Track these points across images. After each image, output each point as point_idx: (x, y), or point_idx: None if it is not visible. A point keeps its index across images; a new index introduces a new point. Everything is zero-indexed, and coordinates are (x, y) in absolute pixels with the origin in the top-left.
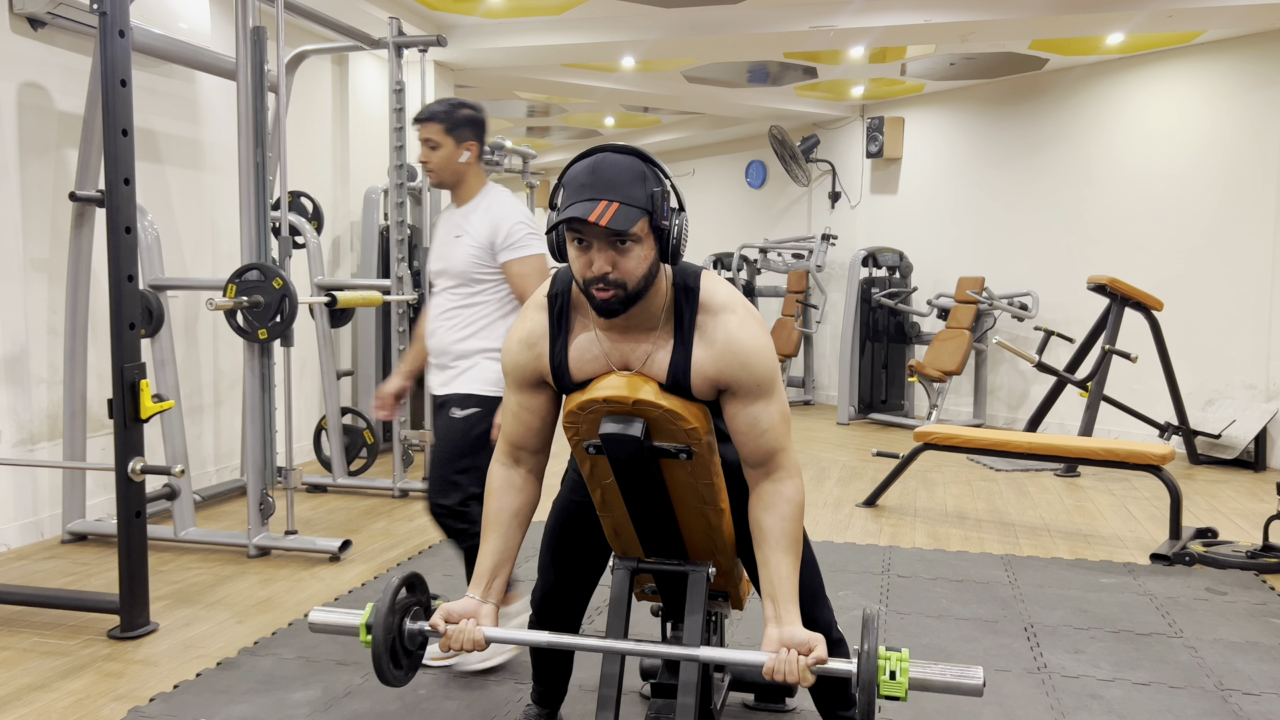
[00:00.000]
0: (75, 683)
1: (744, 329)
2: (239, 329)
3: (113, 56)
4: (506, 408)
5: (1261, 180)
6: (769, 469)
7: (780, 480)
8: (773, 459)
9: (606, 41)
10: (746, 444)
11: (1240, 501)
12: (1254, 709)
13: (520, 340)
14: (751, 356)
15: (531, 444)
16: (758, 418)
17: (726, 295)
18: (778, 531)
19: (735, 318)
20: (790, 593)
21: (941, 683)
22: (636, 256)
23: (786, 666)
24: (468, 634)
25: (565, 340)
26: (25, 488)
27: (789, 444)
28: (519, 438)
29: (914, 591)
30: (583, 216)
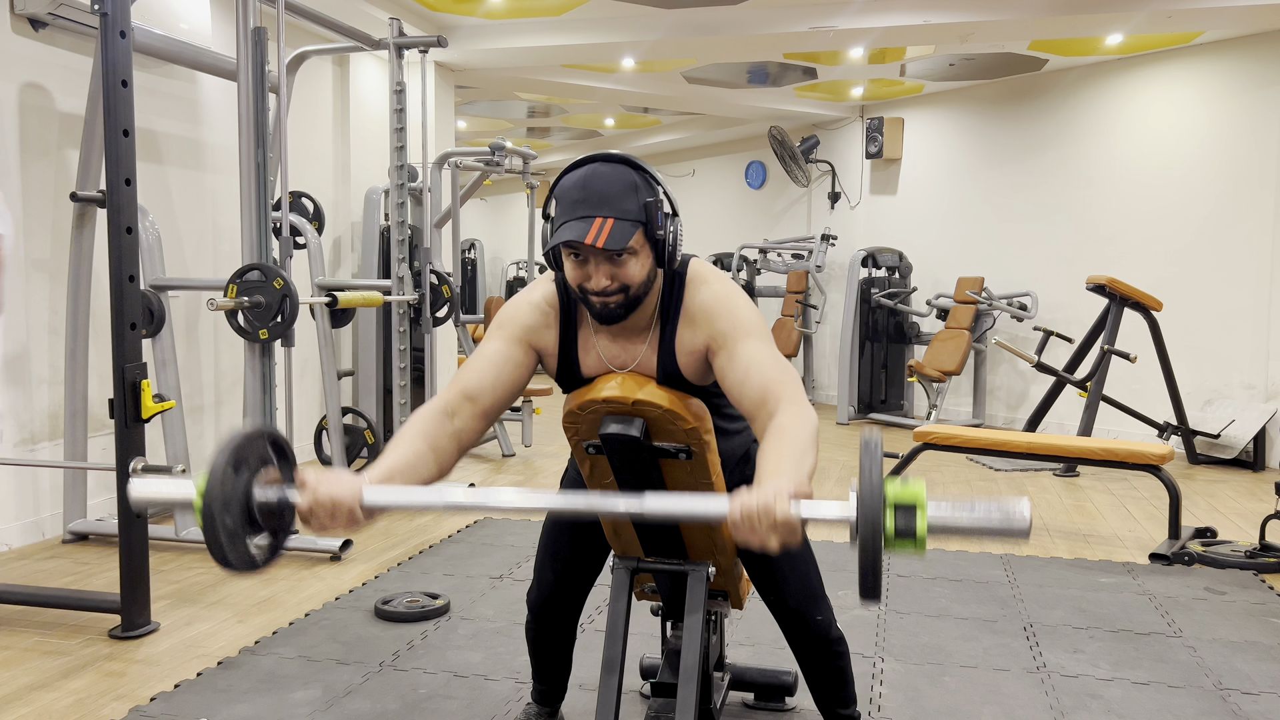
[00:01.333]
0: (76, 682)
1: (711, 290)
2: (240, 329)
3: (114, 57)
4: (479, 354)
5: (1261, 180)
6: (770, 409)
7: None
8: (770, 397)
9: (606, 42)
10: (744, 393)
11: (1239, 501)
12: (1253, 708)
13: (534, 304)
14: (722, 306)
15: (485, 398)
16: (743, 358)
17: (708, 273)
18: (776, 428)
19: (709, 287)
20: (774, 468)
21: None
22: (634, 267)
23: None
24: (341, 504)
25: (575, 332)
26: (26, 487)
27: (790, 386)
28: (479, 386)
29: (913, 591)
30: (579, 239)
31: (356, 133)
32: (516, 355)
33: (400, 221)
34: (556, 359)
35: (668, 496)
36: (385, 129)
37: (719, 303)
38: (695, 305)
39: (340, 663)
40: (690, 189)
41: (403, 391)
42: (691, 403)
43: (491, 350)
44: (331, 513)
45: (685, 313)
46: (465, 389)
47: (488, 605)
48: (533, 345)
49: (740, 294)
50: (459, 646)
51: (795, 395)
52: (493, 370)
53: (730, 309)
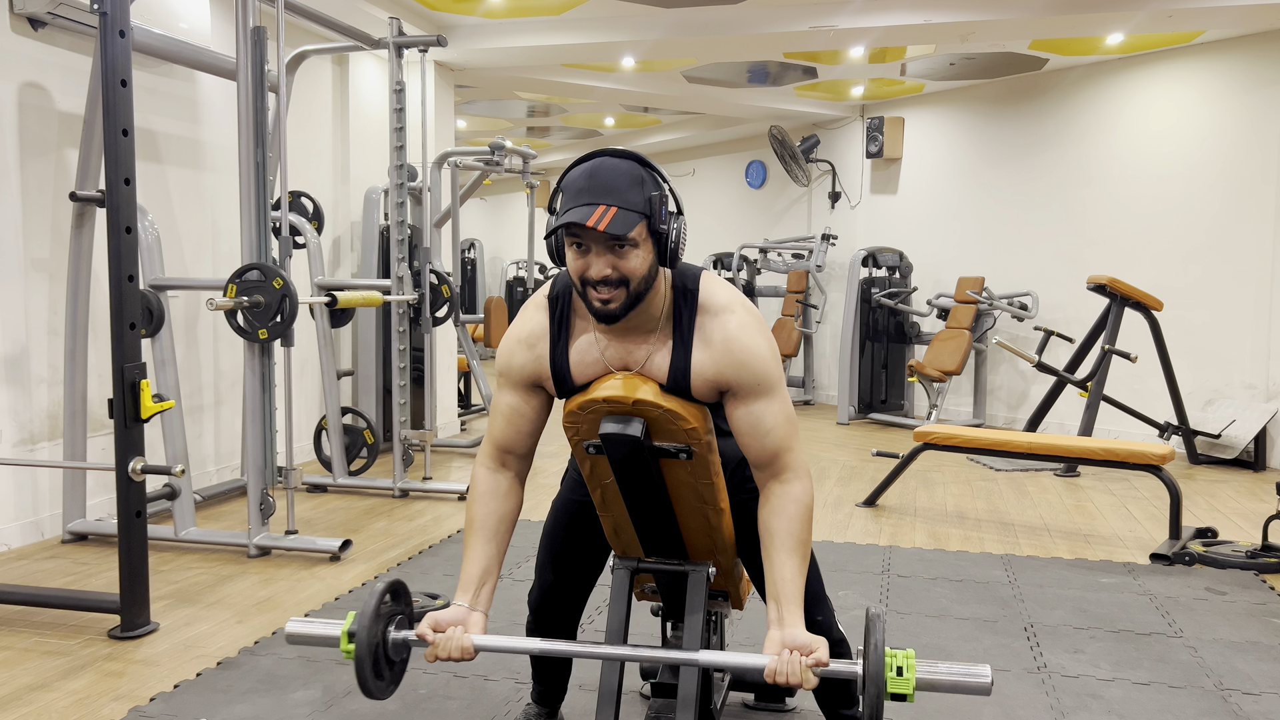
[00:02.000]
0: (76, 682)
1: (743, 329)
2: (239, 329)
3: (113, 56)
4: (497, 409)
5: (1261, 180)
6: (775, 470)
7: (787, 482)
8: (778, 460)
9: (606, 42)
10: (751, 445)
11: (1240, 501)
12: (1254, 708)
13: (519, 340)
14: (750, 356)
15: (520, 448)
16: (760, 418)
17: (726, 296)
18: (784, 533)
19: (734, 318)
20: (794, 595)
21: (949, 681)
22: (635, 260)
23: (789, 669)
24: (455, 642)
25: (566, 343)
26: (26, 487)
27: (795, 445)
28: (508, 441)
29: (914, 591)
30: (581, 221)
31: (356, 132)
32: (525, 400)
33: (400, 221)
34: (552, 380)
35: (719, 654)
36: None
37: (746, 347)
38: (719, 335)
39: (340, 663)
40: (690, 189)
41: (402, 391)
42: (692, 404)
43: (505, 405)
44: (449, 656)
45: (704, 335)
46: (500, 444)
47: None
48: (532, 382)
49: (762, 330)
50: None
51: (799, 464)
52: (513, 423)
53: (758, 359)
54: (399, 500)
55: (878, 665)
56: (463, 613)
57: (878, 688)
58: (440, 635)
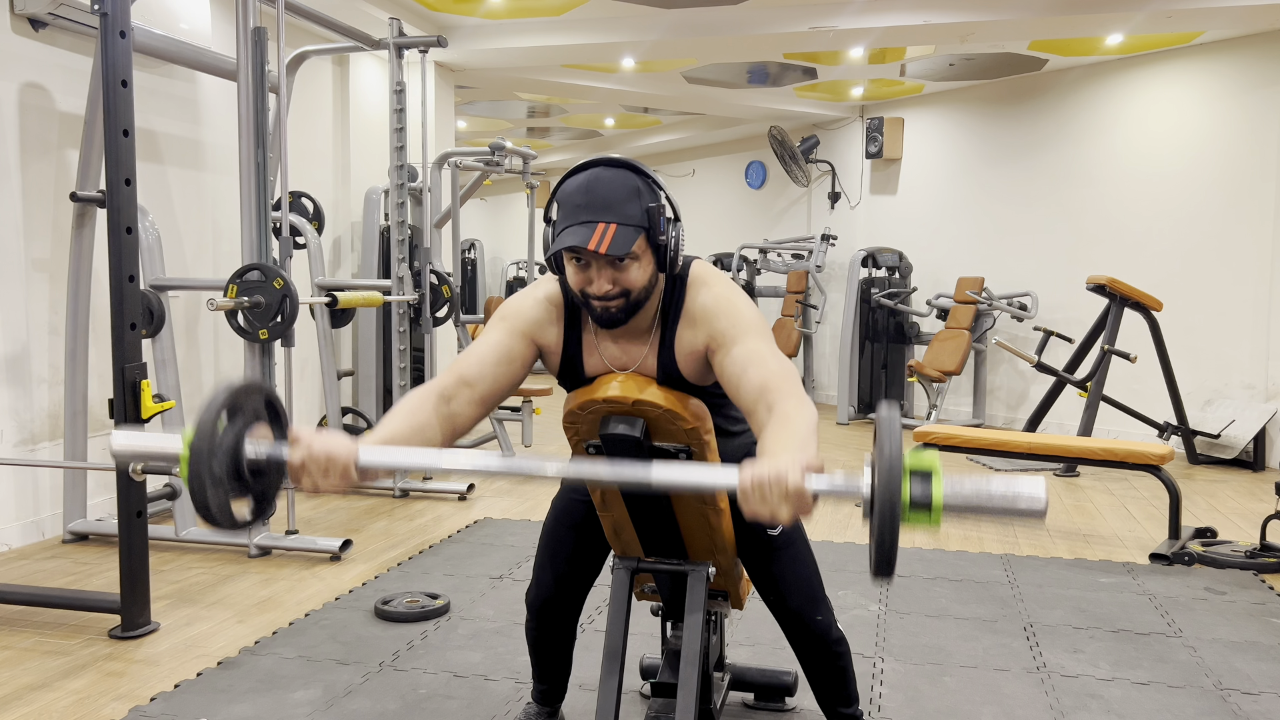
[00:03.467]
0: (76, 682)
1: (717, 297)
2: (240, 329)
3: (114, 57)
4: (480, 343)
5: (1261, 180)
6: (768, 403)
7: (782, 405)
8: (768, 392)
9: (606, 42)
10: (741, 390)
11: (1239, 501)
12: (1253, 708)
13: (538, 300)
14: (722, 306)
15: (481, 386)
16: (744, 358)
17: (708, 274)
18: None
19: (710, 289)
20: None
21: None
22: (636, 272)
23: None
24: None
25: (579, 332)
26: (26, 487)
27: (790, 382)
28: (474, 375)
29: (913, 591)
30: (581, 244)
31: (356, 133)
32: (517, 347)
33: (400, 221)
34: (559, 357)
35: (673, 466)
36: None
37: (719, 303)
38: (696, 306)
39: (340, 663)
40: (690, 189)
41: (402, 391)
42: (691, 403)
43: (493, 340)
44: (325, 469)
45: (686, 314)
46: (463, 375)
47: (488, 605)
48: (534, 340)
49: (740, 294)
50: (459, 646)
51: (794, 390)
52: (492, 359)
53: (730, 309)
54: (399, 500)
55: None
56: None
57: (892, 504)
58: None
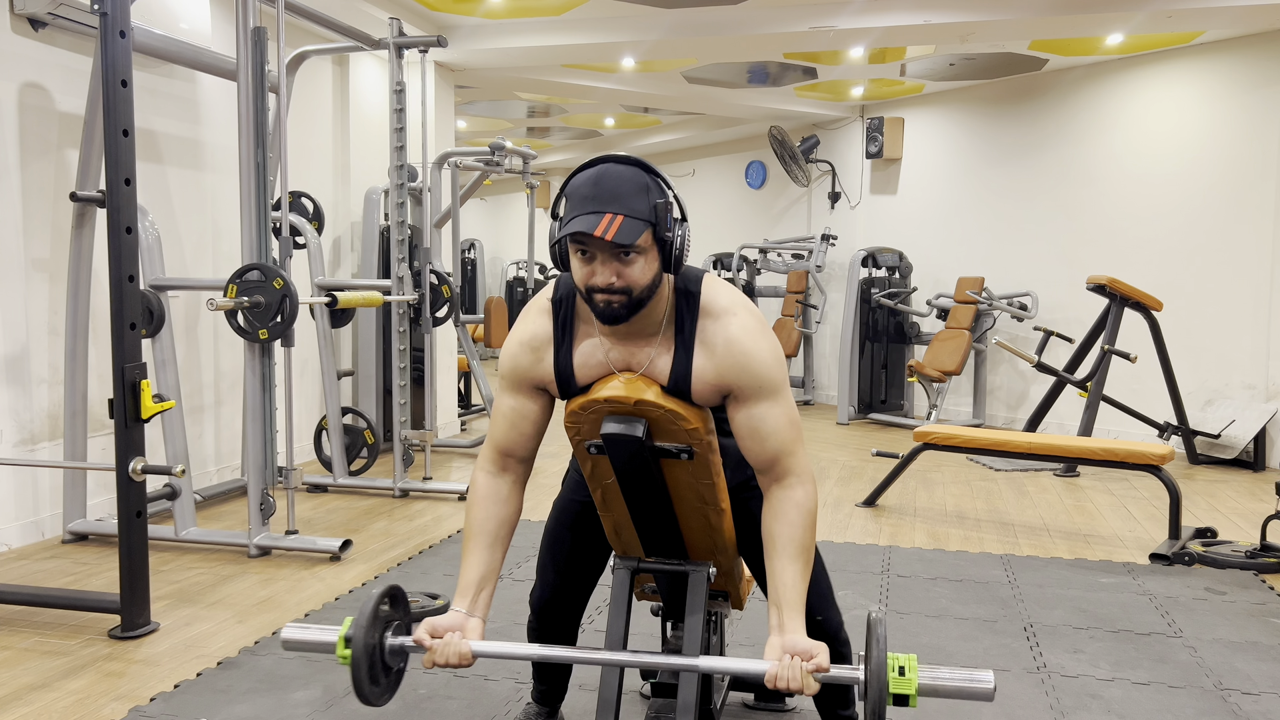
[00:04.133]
0: (76, 682)
1: (745, 332)
2: (240, 329)
3: (113, 57)
4: (499, 411)
5: (1261, 180)
6: (777, 474)
7: (790, 486)
8: (780, 463)
9: (606, 42)
10: (752, 449)
11: (1239, 501)
12: (1253, 708)
13: (523, 343)
14: (751, 359)
15: (520, 451)
16: (761, 421)
17: (728, 299)
18: (785, 539)
19: (736, 321)
20: (796, 601)
21: (951, 687)
22: (640, 267)
23: (789, 674)
24: (453, 649)
25: (570, 346)
26: (26, 487)
27: (798, 449)
28: (510, 444)
29: (913, 591)
30: (588, 231)
31: (356, 133)
32: (527, 403)
33: (400, 221)
34: (555, 381)
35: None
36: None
37: (748, 349)
38: (719, 338)
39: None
40: (690, 189)
41: (402, 391)
42: (693, 406)
43: (506, 407)
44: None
45: (706, 341)
46: (501, 447)
47: None
48: (535, 385)
49: (767, 334)
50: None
51: (802, 468)
52: (515, 426)
53: (761, 363)
54: (399, 500)
55: (880, 669)
56: (460, 618)
57: (880, 692)
58: (438, 641)
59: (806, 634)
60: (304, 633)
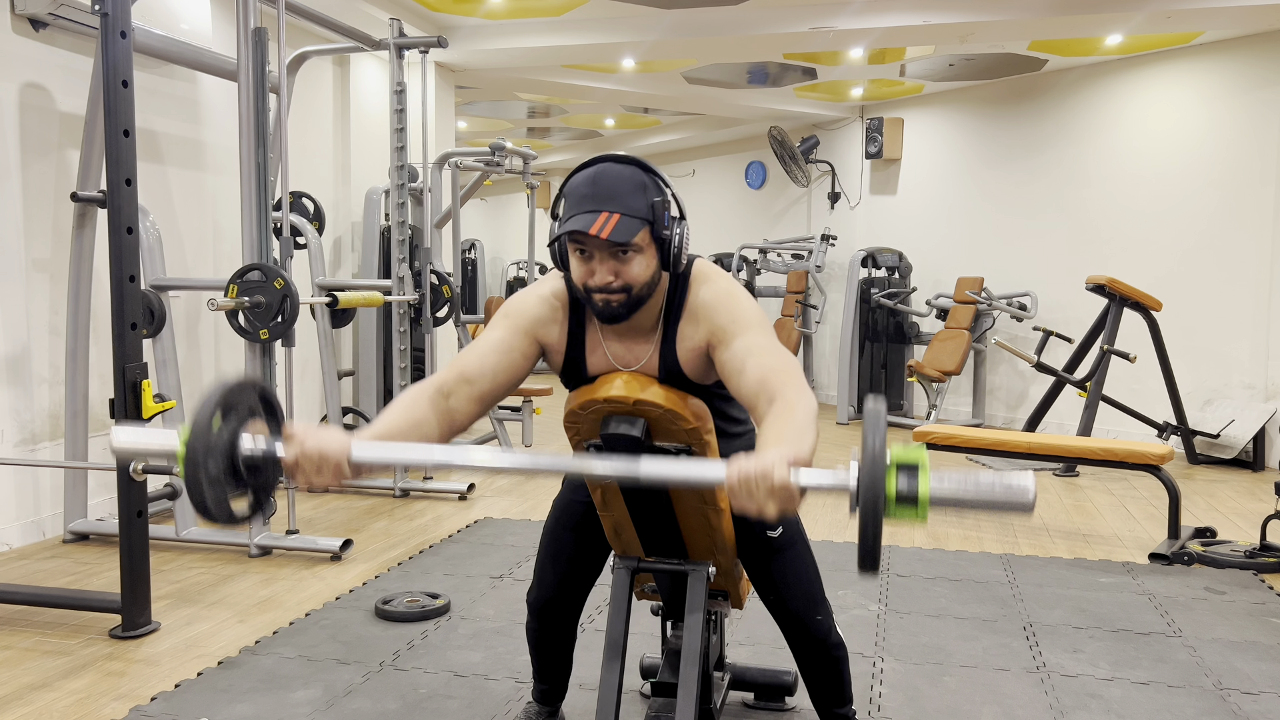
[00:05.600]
0: (77, 682)
1: (713, 288)
2: (240, 329)
3: (114, 57)
4: (482, 339)
5: (1260, 181)
6: (770, 394)
7: (782, 396)
8: (768, 384)
9: (606, 42)
10: (742, 383)
11: (1239, 501)
12: (1253, 708)
13: (542, 298)
14: (722, 302)
15: (481, 383)
16: (744, 351)
17: (709, 271)
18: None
19: (710, 285)
20: (774, 438)
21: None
22: (638, 265)
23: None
24: (329, 456)
25: (584, 333)
26: (27, 487)
27: (789, 375)
28: (474, 371)
29: (913, 591)
30: (584, 229)
31: (357, 133)
32: (519, 345)
33: (400, 221)
34: (562, 355)
35: (664, 461)
36: (385, 129)
37: (719, 298)
38: (697, 303)
39: (340, 662)
40: (690, 189)
41: (403, 391)
42: (692, 402)
43: (495, 337)
44: (318, 466)
45: (688, 310)
46: (463, 371)
47: (488, 605)
48: (537, 338)
49: (741, 290)
50: (459, 646)
51: (794, 381)
52: (494, 356)
53: (731, 303)
54: (399, 500)
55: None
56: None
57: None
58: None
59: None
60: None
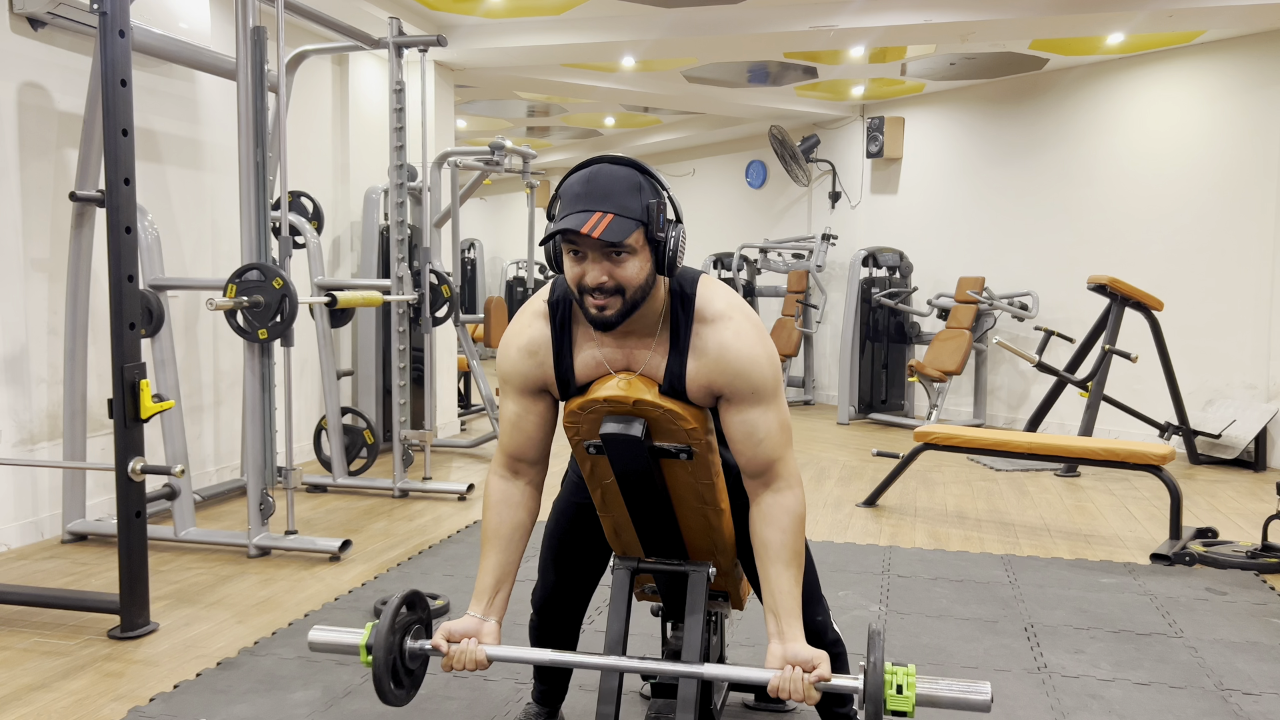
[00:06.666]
0: (75, 683)
1: (739, 337)
2: (239, 329)
3: (113, 56)
4: (505, 417)
5: (1262, 180)
6: (768, 479)
7: (780, 491)
8: (771, 469)
9: (606, 41)
10: (743, 453)
11: (1240, 501)
12: (1254, 709)
13: (520, 348)
14: (746, 364)
15: (531, 454)
16: (754, 426)
17: (724, 303)
18: (778, 545)
19: (730, 326)
20: (793, 608)
21: (949, 698)
22: (632, 267)
23: (791, 685)
24: (470, 654)
25: (570, 348)
26: (25, 488)
27: (788, 454)
28: (518, 448)
29: (914, 591)
30: (576, 228)
31: (356, 132)
32: (530, 405)
33: (400, 221)
34: (555, 382)
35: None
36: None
37: (742, 354)
38: (714, 343)
39: (339, 663)
40: (690, 189)
41: (402, 391)
42: (691, 405)
43: (511, 413)
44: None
45: (701, 344)
46: (511, 453)
47: None
48: (538, 387)
49: (760, 337)
50: None
51: (792, 473)
52: (521, 431)
53: (754, 367)
54: (399, 500)
55: (877, 683)
56: (475, 623)
57: (877, 705)
58: (455, 646)
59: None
60: (330, 635)
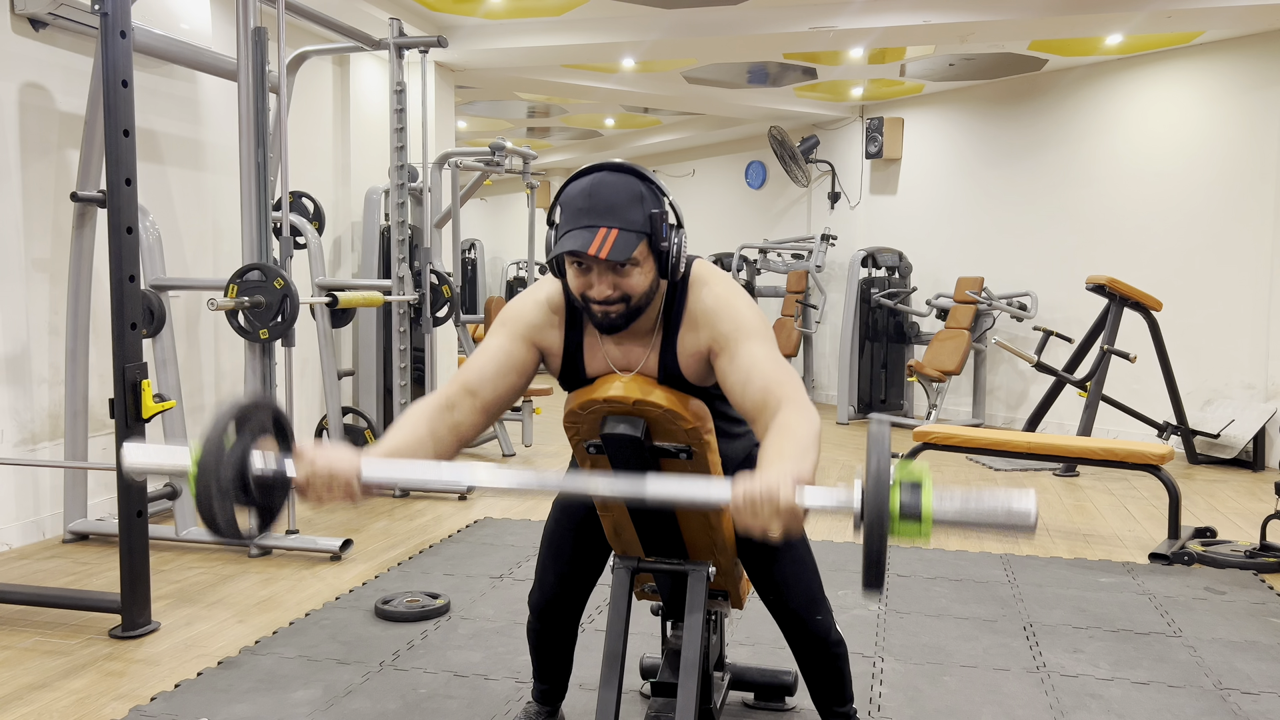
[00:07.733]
0: (76, 682)
1: (717, 296)
2: (240, 329)
3: (114, 57)
4: (481, 348)
5: (1261, 180)
6: (772, 409)
7: (785, 412)
8: (770, 396)
9: (606, 42)
10: (744, 397)
11: (1239, 501)
12: (1253, 708)
13: (539, 303)
14: (724, 308)
15: (485, 391)
16: (747, 364)
17: (709, 274)
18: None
19: (709, 289)
20: (786, 449)
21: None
22: (637, 277)
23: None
24: (339, 475)
25: (581, 335)
26: (27, 487)
27: (792, 385)
28: (477, 382)
29: (913, 591)
30: (582, 249)
31: (356, 133)
32: (519, 352)
33: (400, 221)
34: (561, 359)
35: (669, 479)
36: (385, 129)
37: (720, 305)
38: (698, 308)
39: (340, 662)
40: (690, 189)
41: (403, 391)
42: (692, 403)
43: (494, 346)
44: (329, 484)
45: (688, 315)
46: (466, 383)
47: (488, 605)
48: (536, 344)
49: (742, 295)
50: (459, 646)
51: (797, 396)
52: (494, 366)
53: (732, 311)
54: (399, 500)
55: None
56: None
57: (878, 522)
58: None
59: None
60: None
